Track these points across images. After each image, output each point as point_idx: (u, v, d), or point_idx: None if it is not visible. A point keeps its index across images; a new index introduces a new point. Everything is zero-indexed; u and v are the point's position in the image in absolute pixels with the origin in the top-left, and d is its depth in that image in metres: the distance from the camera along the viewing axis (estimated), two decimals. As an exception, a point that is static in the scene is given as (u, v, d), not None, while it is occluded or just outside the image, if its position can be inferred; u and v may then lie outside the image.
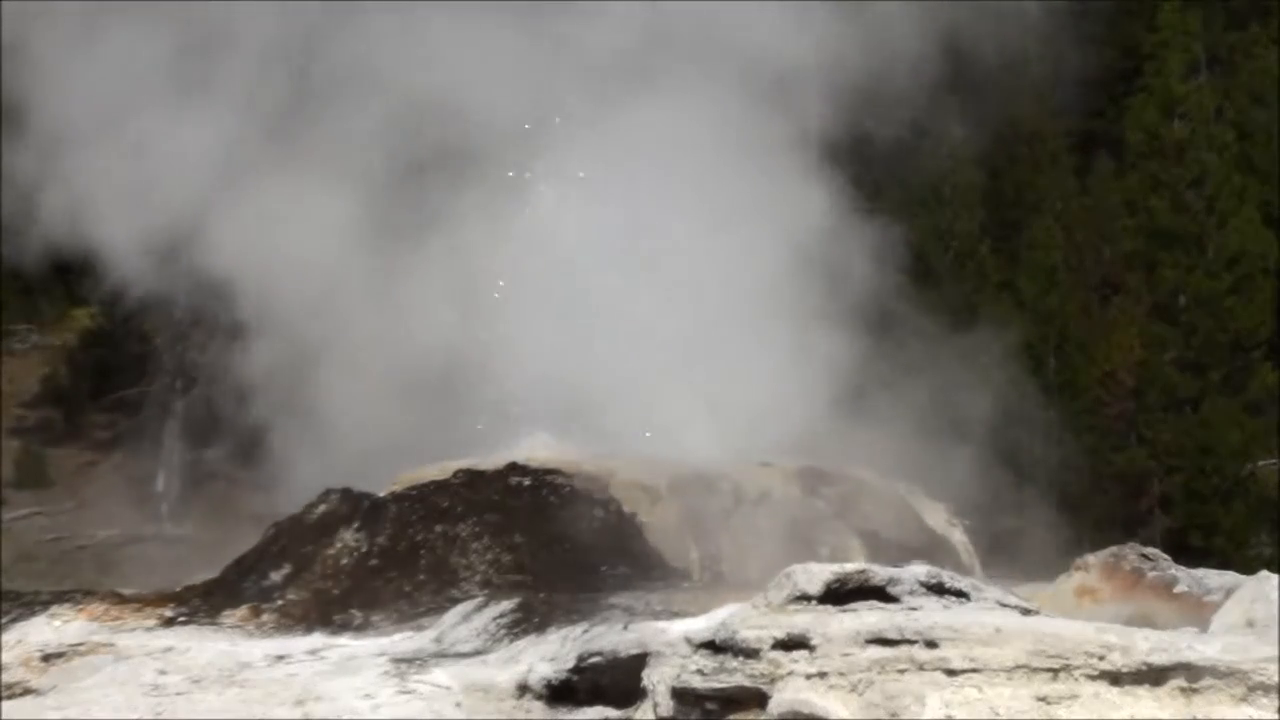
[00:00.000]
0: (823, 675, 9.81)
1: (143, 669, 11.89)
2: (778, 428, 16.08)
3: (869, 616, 9.94)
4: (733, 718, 10.17)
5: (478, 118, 17.42)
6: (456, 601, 12.83)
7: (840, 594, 10.21)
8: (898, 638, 9.73)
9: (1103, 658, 9.50)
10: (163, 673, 11.79)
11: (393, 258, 17.72)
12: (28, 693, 11.97)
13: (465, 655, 11.58)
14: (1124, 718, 9.40)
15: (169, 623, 13.17)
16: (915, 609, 10.01)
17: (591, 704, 10.75)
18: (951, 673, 9.57)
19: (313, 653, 12.07)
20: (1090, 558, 12.95)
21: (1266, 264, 22.83)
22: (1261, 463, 21.80)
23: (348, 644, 12.33)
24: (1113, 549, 12.96)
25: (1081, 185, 25.26)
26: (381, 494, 14.68)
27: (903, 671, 9.66)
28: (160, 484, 24.08)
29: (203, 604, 13.61)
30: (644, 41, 17.51)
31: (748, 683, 10.06)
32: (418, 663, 11.51)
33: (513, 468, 14.78)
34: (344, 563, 13.96)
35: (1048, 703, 9.45)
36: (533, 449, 15.57)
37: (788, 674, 9.92)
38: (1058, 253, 23.80)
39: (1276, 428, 21.90)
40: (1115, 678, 9.49)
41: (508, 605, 12.24)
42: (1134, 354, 22.36)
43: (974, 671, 9.55)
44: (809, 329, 17.03)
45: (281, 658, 11.96)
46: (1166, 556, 12.91)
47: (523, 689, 10.94)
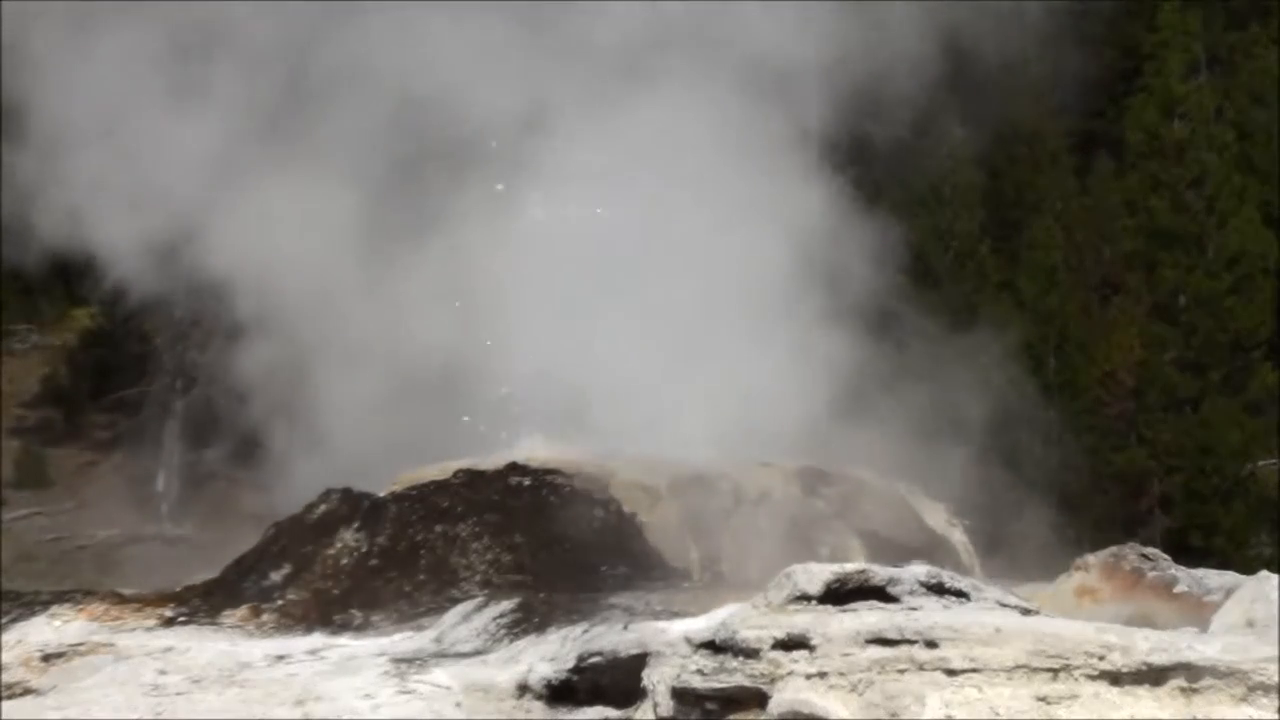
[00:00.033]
0: (823, 675, 9.80)
1: (143, 669, 11.88)
2: (777, 428, 16.07)
3: (869, 616, 9.93)
4: (733, 718, 10.17)
5: (476, 117, 17.42)
6: (456, 601, 12.82)
7: (840, 594, 10.21)
8: (898, 638, 9.73)
9: (1103, 658, 9.49)
10: (163, 673, 11.78)
11: (391, 257, 17.72)
12: (28, 693, 11.96)
13: (465, 655, 11.58)
14: (1124, 718, 9.39)
15: (169, 623, 13.16)
16: (915, 609, 10.00)
17: (591, 704, 10.75)
18: (951, 673, 9.57)
19: (313, 653, 12.06)
20: (1090, 558, 12.94)
21: (1266, 264, 22.84)
22: (1261, 463, 21.80)
23: (348, 644, 12.32)
24: (1113, 549, 12.95)
25: (1081, 185, 25.28)
26: (381, 494, 14.67)
27: (903, 671, 9.66)
28: (160, 484, 24.07)
29: (203, 604, 13.60)
30: (644, 41, 17.49)
31: (748, 683, 10.06)
32: (418, 663, 11.50)
33: (513, 468, 14.78)
34: (344, 563, 13.95)
35: (1048, 703, 9.45)
36: (533, 449, 15.57)
37: (788, 674, 9.92)
38: (1058, 253, 23.81)
39: (1276, 428, 21.90)
40: (1115, 678, 9.49)
41: (508, 605, 12.24)
42: (1134, 354, 22.36)
43: (974, 671, 9.54)
44: (809, 329, 17.02)
45: (281, 658, 11.95)
46: (1166, 556, 12.90)
47: (523, 689, 10.94)
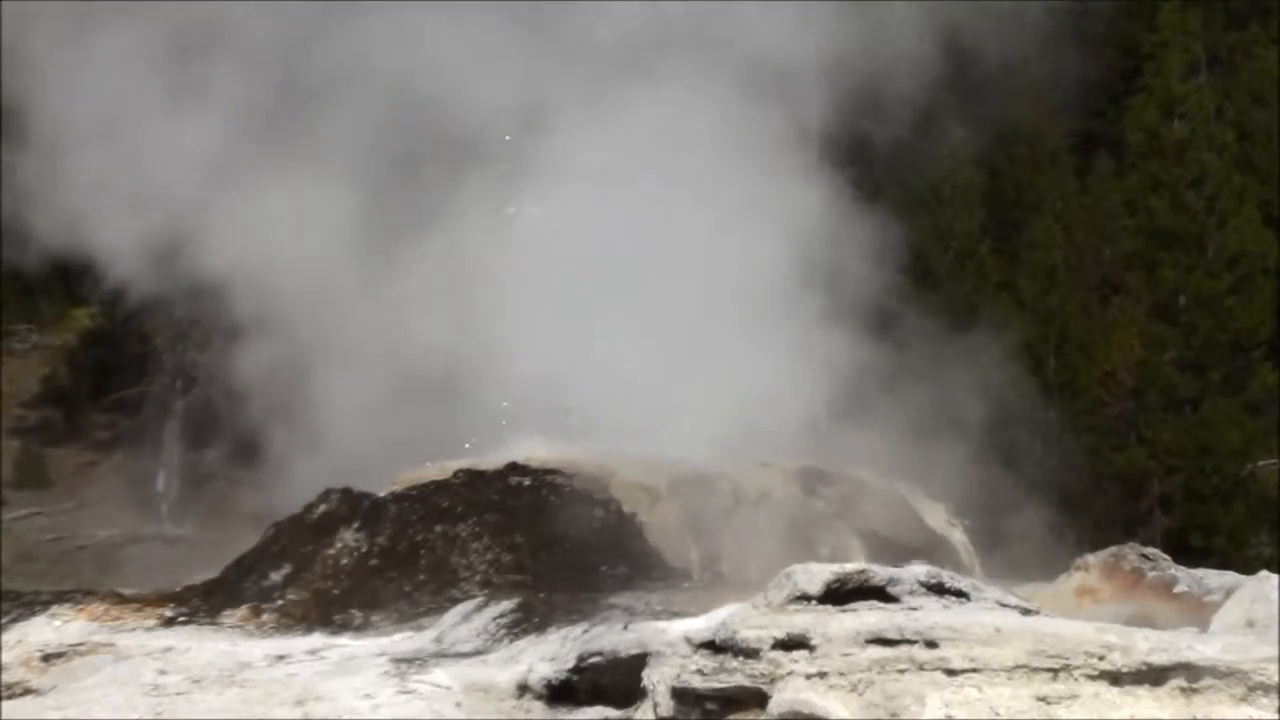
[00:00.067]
0: (823, 675, 9.80)
1: (143, 669, 11.88)
2: (777, 428, 16.07)
3: (869, 616, 9.93)
4: (733, 718, 10.16)
5: (475, 116, 17.41)
6: (456, 601, 12.81)
7: (840, 594, 10.20)
8: (898, 638, 9.73)
9: (1103, 658, 9.49)
10: (163, 673, 11.78)
11: (391, 257, 17.71)
12: (28, 693, 11.96)
13: (465, 655, 11.57)
14: (1124, 718, 9.39)
15: (169, 623, 13.15)
16: (915, 609, 10.00)
17: (591, 704, 10.75)
18: (951, 673, 9.57)
19: (313, 653, 12.06)
20: (1090, 558, 12.94)
21: (1266, 264, 22.84)
22: (1261, 463, 21.80)
23: (348, 644, 12.31)
24: (1113, 549, 12.94)
25: (1081, 185, 25.27)
26: (381, 494, 14.66)
27: (903, 671, 9.65)
28: (160, 484, 24.08)
29: (203, 604, 13.59)
30: (644, 40, 17.49)
31: (748, 683, 10.05)
32: (418, 663, 11.50)
33: (513, 468, 14.77)
34: (344, 563, 13.94)
35: (1048, 703, 9.44)
36: (533, 449, 15.56)
37: (788, 674, 9.91)
38: (1058, 253, 23.81)
39: (1276, 428, 21.90)
40: (1115, 678, 9.48)
41: (508, 605, 12.23)
42: (1134, 354, 22.36)
43: (974, 671, 9.54)
44: (809, 329, 17.02)
45: (281, 658, 11.94)
46: (1166, 556, 12.90)
47: (523, 689, 10.93)
